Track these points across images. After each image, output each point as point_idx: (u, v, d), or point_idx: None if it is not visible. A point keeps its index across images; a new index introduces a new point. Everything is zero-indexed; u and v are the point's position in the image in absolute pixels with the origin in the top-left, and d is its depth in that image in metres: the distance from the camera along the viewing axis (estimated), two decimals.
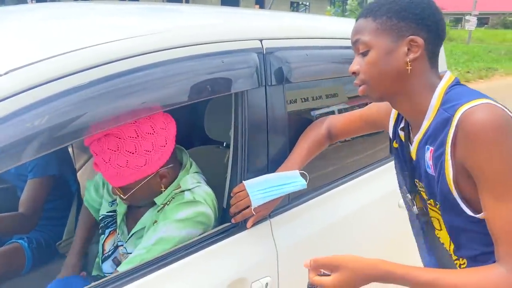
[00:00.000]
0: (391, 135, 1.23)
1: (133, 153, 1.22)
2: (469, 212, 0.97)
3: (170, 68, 1.11)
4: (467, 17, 23.83)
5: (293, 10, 24.54)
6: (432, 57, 1.03)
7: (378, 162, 1.81)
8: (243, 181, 1.28)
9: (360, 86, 1.06)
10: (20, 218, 1.73)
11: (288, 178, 1.32)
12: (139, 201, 1.36)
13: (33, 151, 0.92)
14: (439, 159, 0.98)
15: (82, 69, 0.97)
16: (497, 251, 0.92)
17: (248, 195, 1.24)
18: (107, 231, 1.47)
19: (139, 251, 1.26)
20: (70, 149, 2.08)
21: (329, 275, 0.97)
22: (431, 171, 1.02)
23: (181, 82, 1.13)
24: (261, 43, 1.33)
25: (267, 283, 1.29)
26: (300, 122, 1.48)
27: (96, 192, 1.58)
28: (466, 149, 0.91)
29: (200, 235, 1.26)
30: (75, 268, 1.51)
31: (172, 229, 1.25)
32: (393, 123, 1.21)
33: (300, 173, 1.33)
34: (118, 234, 1.44)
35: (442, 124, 0.96)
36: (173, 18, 1.46)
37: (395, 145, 1.20)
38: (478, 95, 0.95)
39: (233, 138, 1.31)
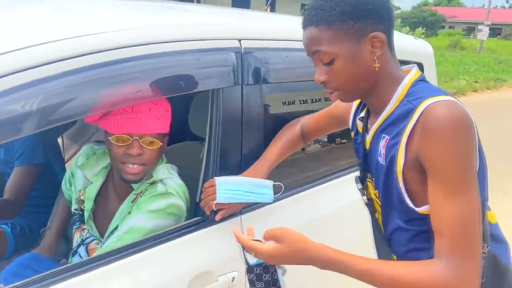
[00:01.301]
0: (350, 126, 1.25)
1: (166, 110, 1.38)
2: (410, 204, 0.98)
3: (145, 63, 1.14)
4: (479, 27, 23.71)
5: (303, 14, 24.49)
6: (391, 45, 1.03)
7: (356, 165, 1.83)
8: (214, 177, 1.31)
9: (330, 92, 1.06)
10: (4, 203, 1.78)
11: (259, 187, 1.33)
12: (151, 166, 1.39)
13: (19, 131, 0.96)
14: (392, 148, 0.99)
15: (59, 59, 1.01)
16: (437, 246, 0.91)
17: (216, 192, 1.27)
18: (74, 228, 1.51)
19: (111, 239, 1.30)
20: (60, 140, 2.12)
21: (260, 241, 0.99)
22: (381, 160, 1.03)
23: (154, 77, 1.16)
24: (240, 42, 1.36)
25: (233, 278, 1.32)
26: (277, 122, 1.51)
27: (70, 184, 1.61)
28: (423, 141, 0.92)
29: (171, 226, 1.29)
30: (51, 248, 1.55)
31: (143, 219, 1.30)
32: (353, 114, 1.22)
33: (277, 184, 1.35)
34: (87, 230, 1.47)
35: (403, 115, 0.97)
36: (156, 15, 1.50)
37: (352, 135, 1.21)
38: (443, 92, 0.97)
39: (208, 135, 1.35)
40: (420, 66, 2.23)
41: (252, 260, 1.04)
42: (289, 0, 18.75)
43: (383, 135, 1.03)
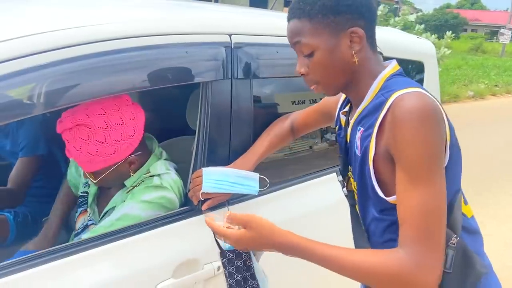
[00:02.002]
0: (335, 121, 1.27)
1: (102, 143, 1.30)
2: (380, 193, 1.00)
3: (133, 55, 1.19)
4: (501, 30, 23.27)
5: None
6: (372, 41, 1.05)
7: None
8: (202, 168, 1.35)
9: (312, 85, 1.09)
10: (8, 192, 1.85)
11: (245, 179, 1.36)
12: (109, 184, 1.45)
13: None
14: (366, 139, 1.01)
15: (46, 49, 1.06)
16: (400, 235, 0.92)
17: (202, 182, 1.30)
18: (79, 210, 1.56)
19: (103, 223, 1.35)
20: None
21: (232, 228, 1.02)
22: (357, 151, 1.05)
23: (141, 69, 1.21)
24: (230, 37, 1.39)
25: (219, 267, 1.35)
26: (266, 117, 1.53)
27: (76, 170, 1.68)
28: (391, 132, 0.94)
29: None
30: (54, 237, 1.61)
31: (136, 208, 1.34)
32: (338, 109, 1.25)
33: (261, 177, 1.38)
34: (89, 214, 1.53)
35: (376, 107, 0.99)
36: (148, 9, 1.54)
37: (336, 129, 1.24)
38: (414, 84, 0.98)
39: (198, 127, 1.38)
40: (421, 65, 2.23)
41: (225, 245, 1.07)
42: None
43: (359, 127, 1.05)
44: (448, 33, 10.35)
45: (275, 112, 1.58)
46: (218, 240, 1.09)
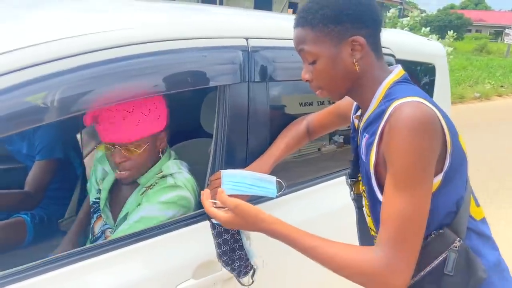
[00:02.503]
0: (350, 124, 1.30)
1: (146, 114, 1.38)
2: (380, 197, 1.03)
3: (153, 59, 1.21)
4: (507, 31, 23.22)
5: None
6: (375, 47, 1.07)
7: None
8: (220, 170, 1.36)
9: (316, 91, 1.12)
10: (25, 195, 1.88)
11: (263, 182, 1.38)
12: (139, 169, 1.45)
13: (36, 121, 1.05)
14: (369, 146, 1.04)
15: (71, 54, 1.08)
16: (378, 236, 0.97)
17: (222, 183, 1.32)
18: (94, 216, 1.59)
19: (122, 228, 1.37)
20: (78, 136, 2.21)
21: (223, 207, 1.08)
22: (363, 157, 1.08)
23: (162, 73, 1.23)
24: (247, 41, 1.41)
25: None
26: (282, 119, 1.55)
27: (95, 180, 1.69)
28: (386, 140, 0.97)
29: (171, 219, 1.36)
30: (73, 245, 1.64)
31: (154, 209, 1.37)
32: (352, 112, 1.27)
33: (277, 181, 1.39)
34: (104, 219, 1.55)
35: (379, 115, 1.02)
36: (165, 14, 1.56)
37: (350, 133, 1.26)
38: (416, 93, 0.99)
39: (215, 130, 1.40)
40: (432, 67, 2.24)
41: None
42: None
43: (364, 133, 1.08)
44: (450, 32, 10.37)
45: (291, 114, 1.60)
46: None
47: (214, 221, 1.16)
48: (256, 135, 1.45)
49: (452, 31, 9.94)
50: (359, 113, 1.19)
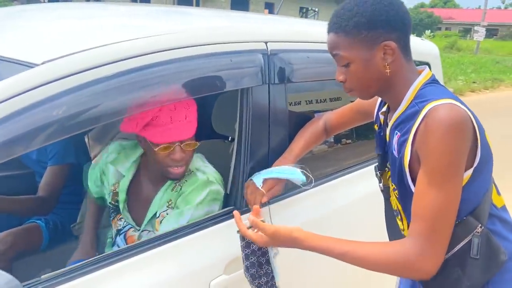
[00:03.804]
0: (374, 119, 1.37)
1: (194, 113, 1.45)
2: (413, 190, 1.10)
3: (183, 65, 1.25)
4: (476, 28, 23.90)
5: (302, 16, 24.66)
6: (405, 51, 1.13)
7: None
8: (250, 178, 1.42)
9: (348, 92, 1.19)
10: (39, 201, 1.88)
11: (289, 170, 1.44)
12: (190, 163, 1.51)
13: (61, 133, 1.08)
14: (403, 144, 1.11)
15: (105, 63, 1.12)
16: (410, 227, 1.06)
17: (256, 186, 1.38)
18: (112, 215, 1.62)
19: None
20: (86, 139, 2.22)
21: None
22: (395, 153, 1.16)
23: (193, 78, 1.27)
24: (266, 45, 1.47)
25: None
26: (300, 118, 1.62)
27: (95, 182, 1.70)
28: (421, 138, 1.04)
29: (213, 212, 1.43)
30: (92, 248, 1.65)
31: (197, 213, 1.43)
32: (377, 108, 1.34)
33: (306, 174, 1.45)
34: (123, 220, 1.57)
35: (411, 115, 1.09)
36: (185, 20, 1.61)
37: (376, 127, 1.33)
38: (447, 95, 1.07)
39: (238, 131, 1.45)
40: (427, 66, 2.34)
41: None
42: (288, 4, 18.93)
43: (396, 131, 1.15)
44: (427, 32, 10.66)
45: (308, 114, 1.66)
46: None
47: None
48: (277, 135, 1.51)
49: (429, 30, 10.24)
50: (384, 109, 1.25)
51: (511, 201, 1.48)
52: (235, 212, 1.25)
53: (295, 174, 1.42)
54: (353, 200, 1.78)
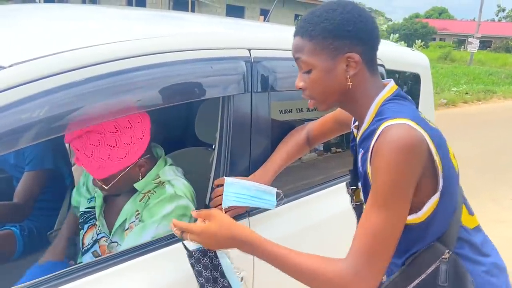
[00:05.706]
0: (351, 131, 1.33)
1: (113, 147, 1.32)
2: None
3: (159, 71, 1.21)
4: (470, 39, 24.09)
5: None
6: (371, 65, 1.10)
7: None
8: (224, 177, 1.37)
9: (308, 99, 1.15)
10: (14, 207, 1.82)
11: (264, 194, 1.40)
12: (120, 190, 1.45)
13: (29, 139, 1.01)
14: (365, 162, 1.08)
15: (79, 66, 1.07)
16: (350, 246, 1.01)
17: (223, 193, 1.33)
18: (85, 226, 1.56)
19: (130, 240, 1.35)
20: (67, 145, 2.16)
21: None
22: (361, 169, 1.13)
23: (169, 84, 1.22)
24: (250, 52, 1.43)
25: (242, 277, 1.37)
26: (283, 128, 1.57)
27: (77, 191, 1.67)
28: (372, 158, 1.01)
29: None
30: (60, 254, 1.60)
31: (161, 227, 1.35)
32: (352, 120, 1.30)
33: (277, 192, 1.42)
34: (99, 227, 1.52)
35: (371, 133, 1.06)
36: (169, 25, 1.56)
37: (351, 141, 1.30)
38: (405, 114, 1.02)
39: (218, 139, 1.41)
40: (417, 77, 2.31)
41: (191, 246, 1.16)
42: (284, 11, 19.00)
43: (360, 148, 1.12)
44: (418, 41, 10.70)
45: (291, 123, 1.62)
46: (185, 243, 1.16)
47: (190, 248, 1.16)
48: (259, 144, 1.47)
49: (420, 40, 10.28)
50: (357, 123, 1.22)
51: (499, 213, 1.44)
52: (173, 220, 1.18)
53: (269, 202, 1.39)
54: (337, 211, 1.73)
